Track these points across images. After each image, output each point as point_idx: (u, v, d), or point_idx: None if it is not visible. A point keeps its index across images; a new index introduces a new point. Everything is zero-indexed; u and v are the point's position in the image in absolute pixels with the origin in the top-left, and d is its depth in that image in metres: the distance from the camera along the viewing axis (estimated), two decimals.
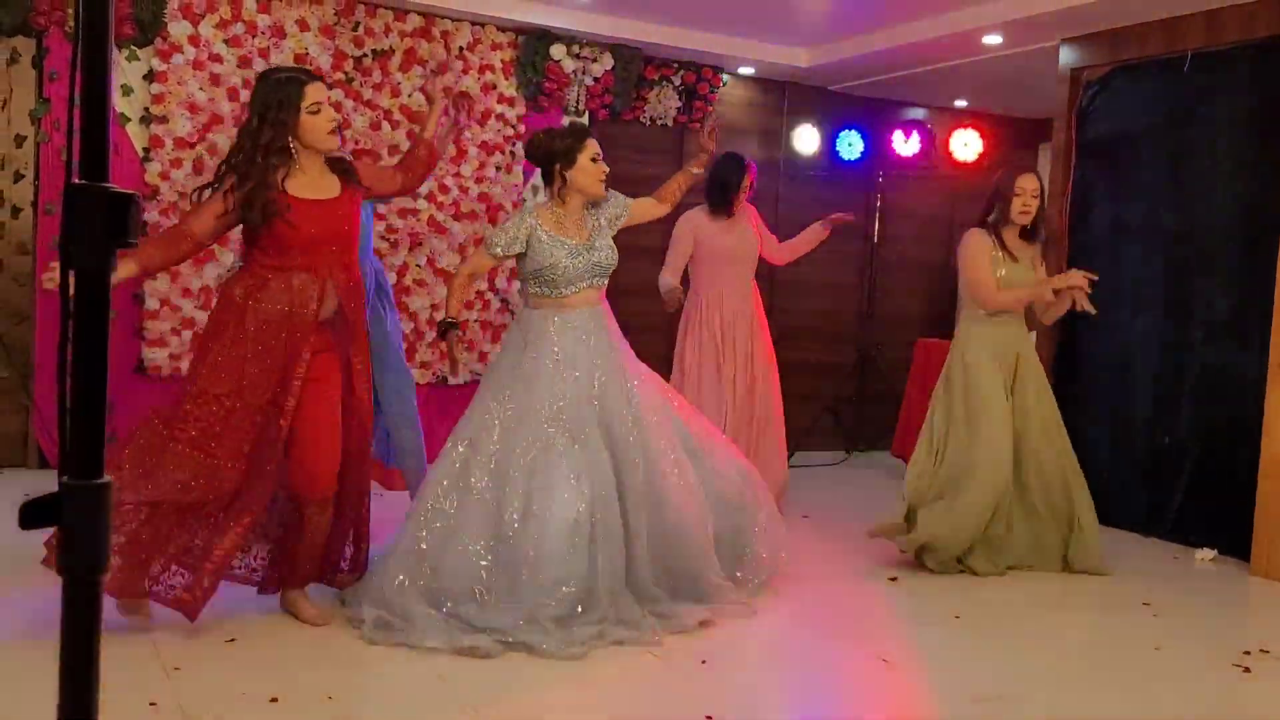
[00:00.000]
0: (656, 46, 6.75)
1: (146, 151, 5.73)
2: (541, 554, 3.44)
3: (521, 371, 3.72)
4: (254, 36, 5.88)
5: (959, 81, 7.16)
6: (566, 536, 3.46)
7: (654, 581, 3.68)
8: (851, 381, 7.68)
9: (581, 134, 3.84)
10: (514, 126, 6.54)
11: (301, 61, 5.95)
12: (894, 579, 4.48)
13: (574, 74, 6.65)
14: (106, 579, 3.07)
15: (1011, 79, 6.87)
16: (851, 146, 7.33)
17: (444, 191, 6.34)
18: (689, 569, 3.75)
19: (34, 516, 1.07)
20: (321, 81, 3.50)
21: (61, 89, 5.52)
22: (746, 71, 7.29)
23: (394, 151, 6.01)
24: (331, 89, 5.72)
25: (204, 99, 5.79)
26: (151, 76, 5.73)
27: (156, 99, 5.72)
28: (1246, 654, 3.71)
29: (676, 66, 7.01)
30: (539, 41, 6.51)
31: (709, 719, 2.91)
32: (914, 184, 7.76)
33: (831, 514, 4.95)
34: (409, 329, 6.21)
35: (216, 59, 5.81)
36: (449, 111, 4.56)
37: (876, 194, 7.58)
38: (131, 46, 5.67)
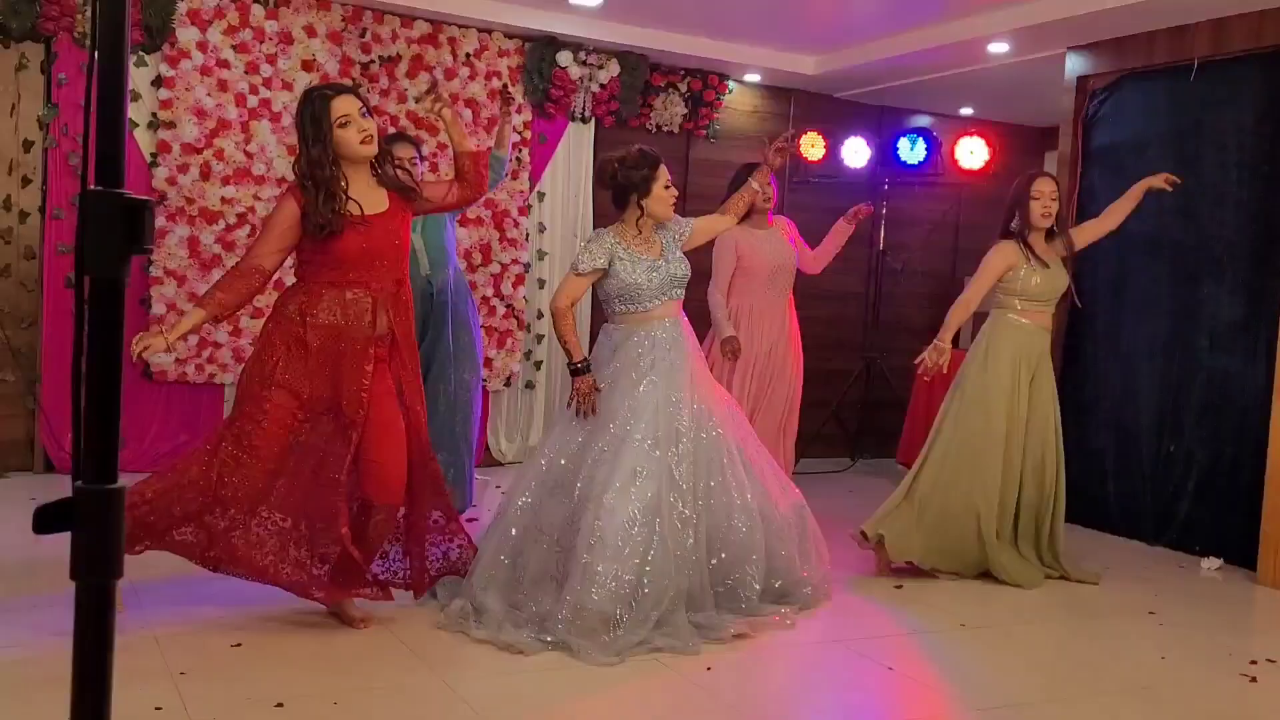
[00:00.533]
0: (663, 53, 6.76)
1: (154, 157, 5.75)
2: (601, 542, 3.54)
3: (606, 382, 3.89)
4: (261, 43, 5.90)
5: (965, 89, 7.16)
6: (625, 530, 3.56)
7: (702, 589, 3.74)
8: (857, 388, 7.68)
9: (655, 163, 3.94)
10: (520, 133, 6.55)
11: (308, 68, 5.97)
12: (899, 586, 4.48)
13: (580, 80, 6.66)
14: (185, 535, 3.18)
15: (1018, 87, 6.87)
16: (857, 154, 7.33)
17: None
18: (739, 580, 3.84)
19: (48, 521, 1.07)
20: (352, 94, 3.53)
21: (69, 94, 5.54)
22: (753, 79, 7.29)
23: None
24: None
25: (211, 105, 5.81)
26: (159, 82, 5.75)
27: (164, 104, 5.74)
28: (1253, 663, 3.70)
29: (683, 73, 7.02)
30: (546, 48, 6.52)
31: None
32: (920, 192, 7.75)
33: (836, 521, 4.95)
34: None
35: (224, 65, 5.83)
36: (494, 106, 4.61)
37: (882, 201, 7.58)
38: (140, 52, 5.69)
